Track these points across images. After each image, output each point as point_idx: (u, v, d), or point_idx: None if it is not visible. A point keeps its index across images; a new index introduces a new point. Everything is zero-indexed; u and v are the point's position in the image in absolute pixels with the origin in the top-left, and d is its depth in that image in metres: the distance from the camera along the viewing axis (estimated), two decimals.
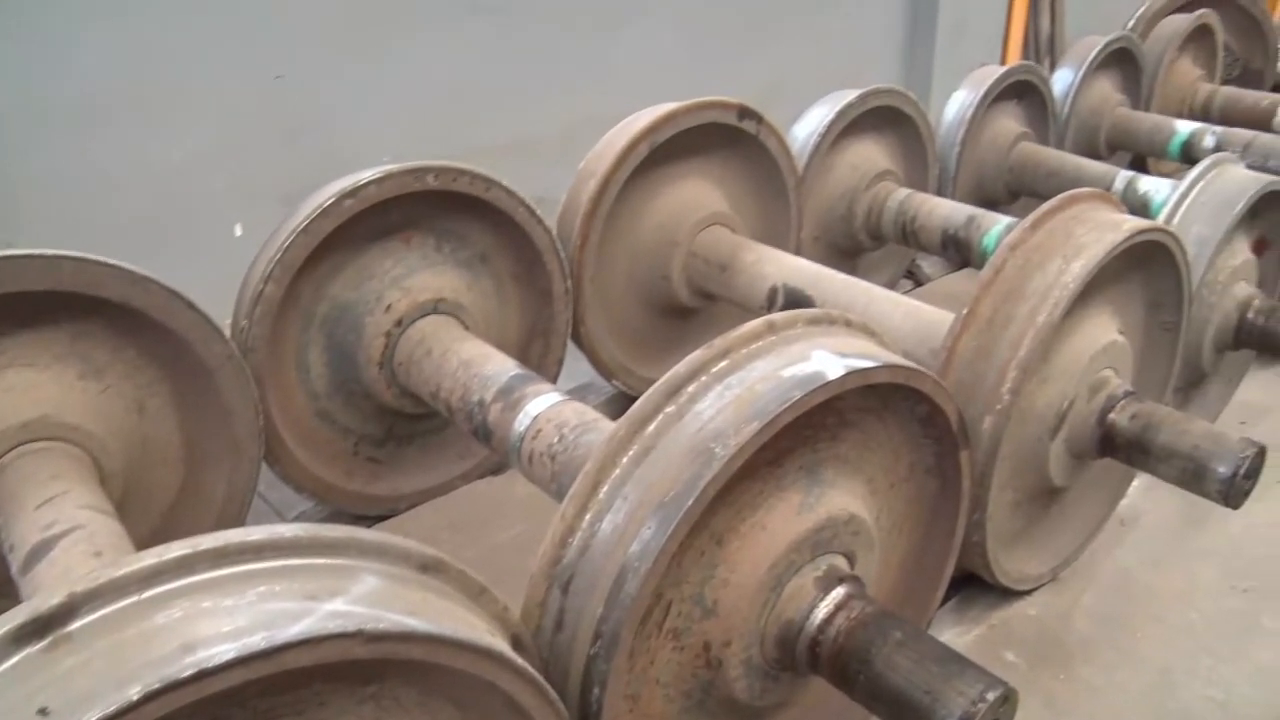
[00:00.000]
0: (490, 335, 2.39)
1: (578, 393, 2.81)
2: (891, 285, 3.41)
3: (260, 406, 2.05)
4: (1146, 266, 2.11)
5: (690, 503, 1.21)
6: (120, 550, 1.51)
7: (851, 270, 3.26)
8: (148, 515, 1.99)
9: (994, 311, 1.79)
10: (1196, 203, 2.49)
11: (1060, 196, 1.96)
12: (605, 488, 1.29)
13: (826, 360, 1.33)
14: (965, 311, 1.78)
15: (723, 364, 1.35)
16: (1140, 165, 4.72)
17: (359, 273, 2.24)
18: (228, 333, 2.00)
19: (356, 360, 2.24)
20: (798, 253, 2.84)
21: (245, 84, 3.30)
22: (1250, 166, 3.84)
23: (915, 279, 3.50)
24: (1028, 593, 2.20)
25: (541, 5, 3.98)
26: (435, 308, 2.26)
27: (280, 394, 2.21)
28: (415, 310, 2.24)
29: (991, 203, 3.59)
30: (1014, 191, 3.64)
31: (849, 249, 3.18)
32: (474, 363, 2.07)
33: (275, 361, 2.18)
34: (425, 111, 3.74)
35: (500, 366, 2.04)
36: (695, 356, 1.34)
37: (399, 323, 2.22)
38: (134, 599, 0.94)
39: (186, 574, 0.96)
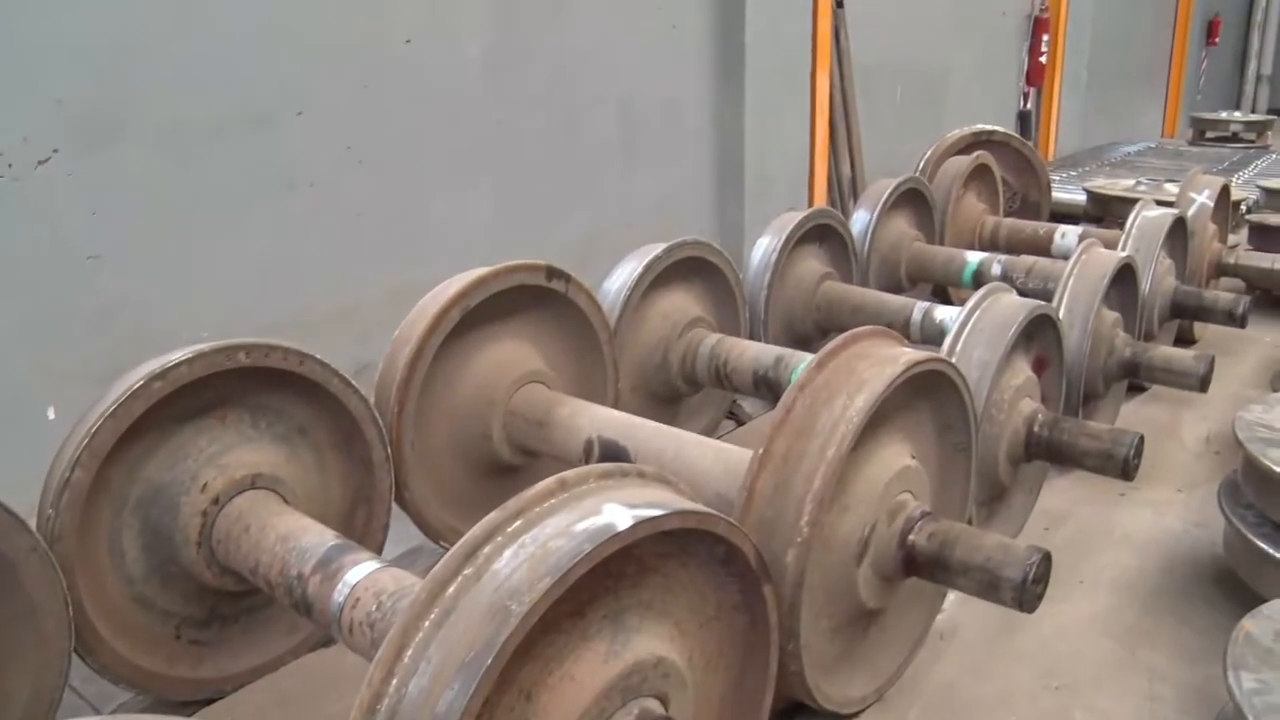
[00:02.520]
0: (312, 506, 2.40)
1: (408, 557, 2.82)
2: (714, 427, 3.54)
3: (69, 597, 1.99)
4: (932, 393, 2.27)
5: (490, 661, 1.25)
6: None
7: (673, 416, 3.39)
8: None
9: (788, 449, 1.89)
10: (975, 329, 2.70)
11: (843, 335, 2.11)
12: (409, 652, 1.32)
13: (617, 512, 1.40)
14: (761, 451, 1.88)
15: (517, 524, 1.41)
16: (943, 294, 5.05)
17: (173, 453, 2.23)
18: (34, 523, 1.96)
19: (174, 541, 2.21)
20: (616, 404, 2.94)
21: (55, 265, 3.27)
22: (1033, 289, 4.18)
23: (737, 419, 3.65)
24: (855, 715, 2.27)
25: (356, 179, 4.09)
26: (253, 483, 2.26)
27: (93, 582, 2.15)
28: (232, 487, 2.23)
29: (803, 341, 3.79)
30: (823, 329, 3.85)
31: (668, 396, 3.30)
32: (292, 536, 2.07)
33: (86, 549, 2.13)
34: (245, 285, 3.77)
35: (318, 538, 2.05)
36: (491, 518, 1.40)
37: (216, 501, 2.21)
38: None
39: None
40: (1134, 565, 3.01)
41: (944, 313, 3.61)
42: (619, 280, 3.08)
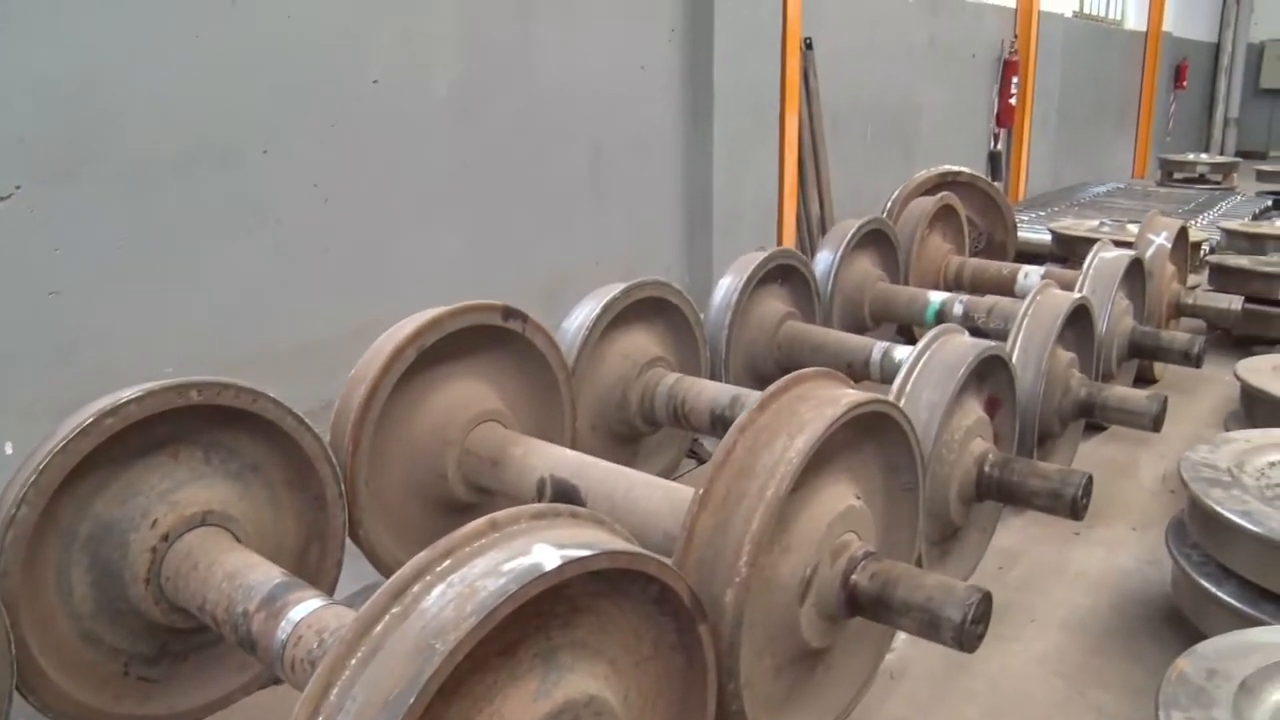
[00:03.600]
0: (265, 544, 2.40)
1: (363, 594, 2.82)
2: (674, 466, 3.56)
3: (12, 635, 1.99)
4: (877, 434, 2.30)
5: (413, 700, 1.26)
6: None
7: (633, 454, 3.41)
8: None
9: (728, 490, 1.92)
10: (925, 371, 2.74)
11: (787, 377, 2.15)
12: (335, 690, 1.34)
13: (545, 552, 1.42)
14: (701, 492, 1.91)
15: (446, 563, 1.43)
16: (908, 333, 5.11)
17: (124, 489, 2.23)
18: None
19: (123, 578, 2.21)
20: (574, 442, 2.97)
21: (16, 300, 3.28)
22: (994, 329, 4.23)
23: (698, 458, 3.67)
24: None
25: (322, 216, 4.11)
26: (204, 520, 2.26)
27: (38, 620, 2.15)
28: (182, 524, 2.23)
29: (765, 380, 3.77)
30: (785, 368, 3.88)
31: (627, 435, 3.32)
32: (239, 573, 2.08)
33: (32, 586, 2.13)
34: (209, 321, 3.77)
35: (265, 575, 2.06)
36: (420, 558, 1.42)
37: (166, 537, 2.21)
38: None
39: None
40: (1086, 604, 3.05)
41: (903, 353, 3.66)
42: (578, 320, 3.11)
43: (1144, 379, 4.93)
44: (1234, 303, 4.94)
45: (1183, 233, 5.18)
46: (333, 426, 2.58)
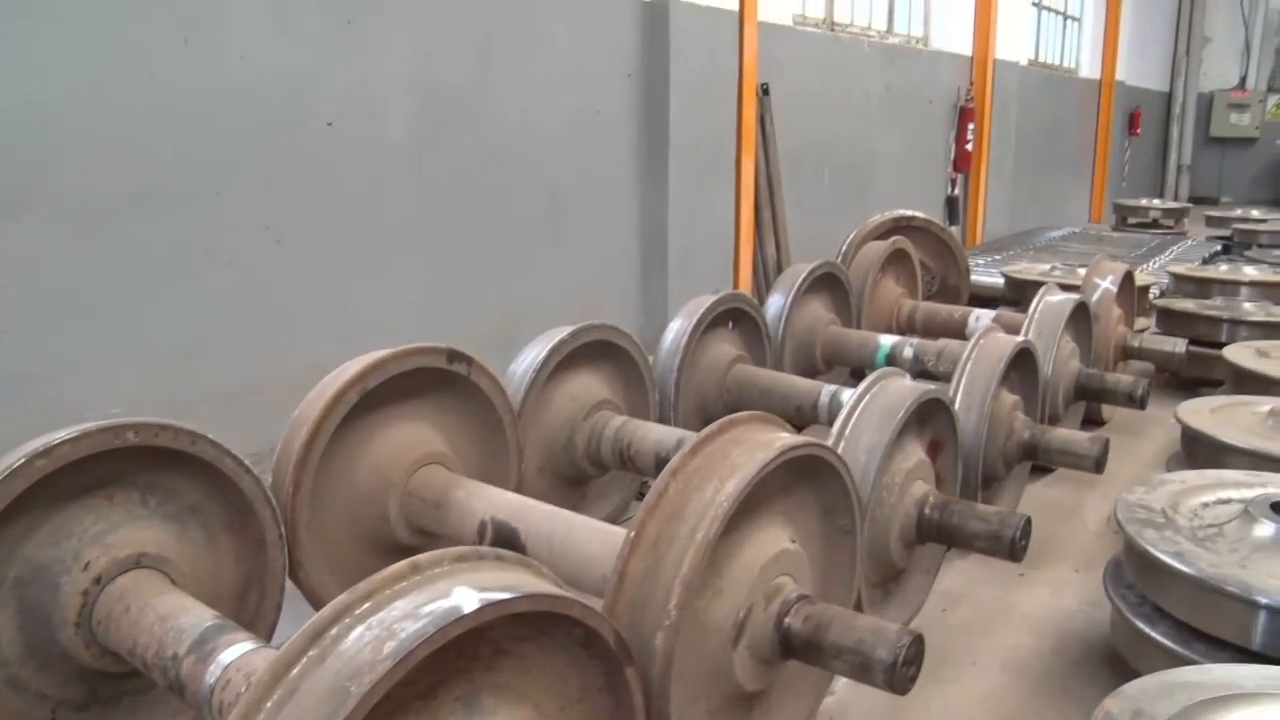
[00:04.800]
0: (203, 586, 2.39)
1: None
2: (624, 508, 3.57)
3: None
4: (813, 478, 2.32)
5: None
6: None
7: (581, 497, 3.42)
8: None
9: (659, 533, 1.93)
10: (865, 414, 2.77)
11: (722, 420, 2.17)
12: None
13: (465, 595, 1.42)
14: (632, 534, 1.92)
15: (366, 605, 1.43)
16: (860, 376, 5.14)
17: (56, 531, 2.21)
18: None
19: (52, 622, 2.18)
20: (520, 485, 2.97)
21: None
22: (944, 371, 4.28)
23: None
24: None
25: (275, 258, 4.12)
26: (138, 563, 2.24)
27: None
28: (116, 566, 2.21)
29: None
30: (734, 411, 3.86)
31: (574, 478, 3.33)
32: (171, 616, 2.07)
33: None
34: (159, 362, 3.77)
35: (197, 618, 2.04)
36: (340, 600, 1.42)
37: (98, 580, 2.19)
38: None
39: None
40: (1028, 645, 3.07)
41: (849, 395, 3.68)
42: (525, 362, 3.13)
43: (1093, 420, 5.00)
44: (1179, 345, 5.03)
45: (1129, 277, 5.28)
46: (274, 468, 2.58)
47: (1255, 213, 11.99)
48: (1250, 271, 6.82)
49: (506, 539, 2.49)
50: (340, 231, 4.42)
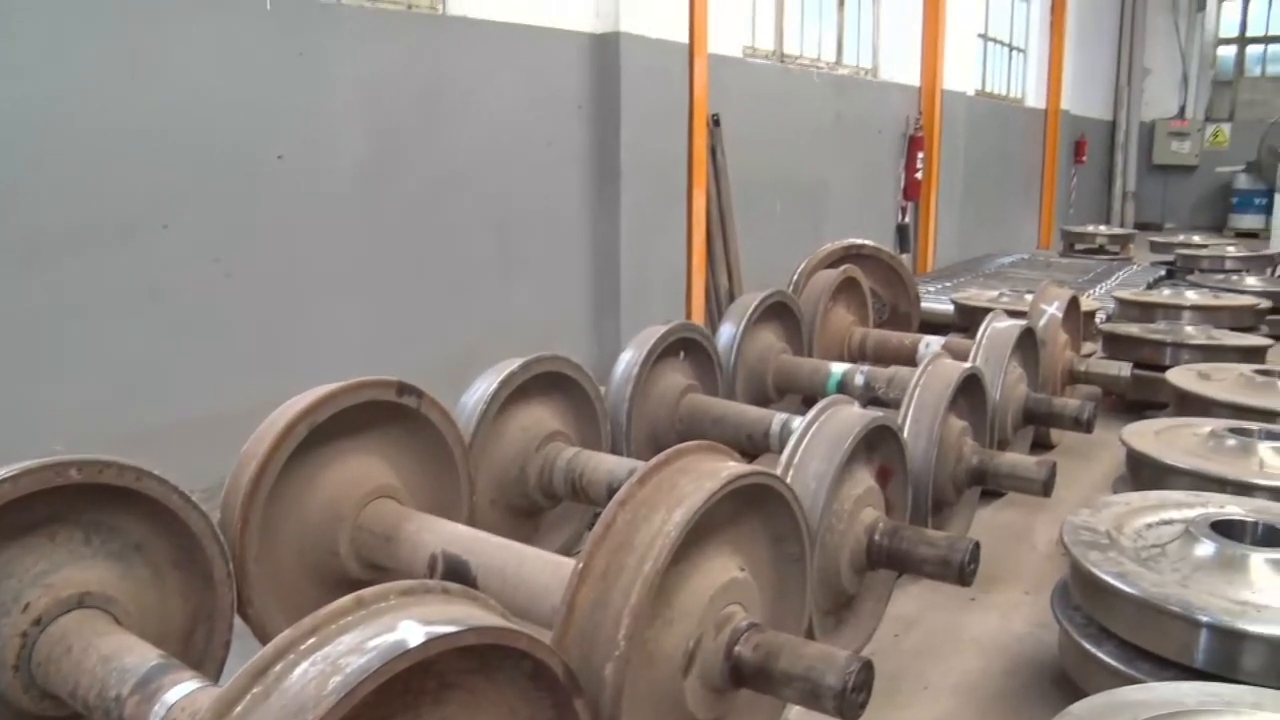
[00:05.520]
0: (148, 625, 2.35)
1: None
2: (577, 539, 3.57)
3: None
4: (761, 506, 2.34)
5: None
6: None
7: (534, 529, 3.41)
8: None
9: (607, 564, 1.94)
10: (813, 442, 2.80)
11: (669, 450, 2.19)
12: None
13: (411, 629, 1.42)
14: (580, 566, 1.93)
15: (310, 640, 1.42)
16: (812, 404, 5.17)
17: None
18: None
19: None
20: (472, 517, 2.96)
21: None
22: (894, 398, 4.33)
23: None
24: None
25: (224, 291, 4.09)
26: (80, 603, 2.21)
27: None
28: (57, 607, 2.18)
29: None
30: (686, 440, 3.90)
31: (527, 509, 3.32)
32: (115, 656, 2.04)
33: None
34: (103, 397, 3.73)
35: (141, 658, 2.02)
36: (284, 636, 1.41)
37: (38, 621, 2.15)
38: None
39: None
40: (979, 668, 3.10)
41: (799, 423, 3.71)
42: (476, 394, 3.13)
43: (1042, 444, 5.07)
44: (1123, 369, 5.12)
45: (1074, 302, 5.37)
46: (222, 503, 2.56)
47: (1197, 238, 12.27)
48: (1192, 296, 6.98)
49: (458, 572, 2.48)
50: (291, 264, 4.40)
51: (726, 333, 4.43)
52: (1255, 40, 19.35)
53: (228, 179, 4.10)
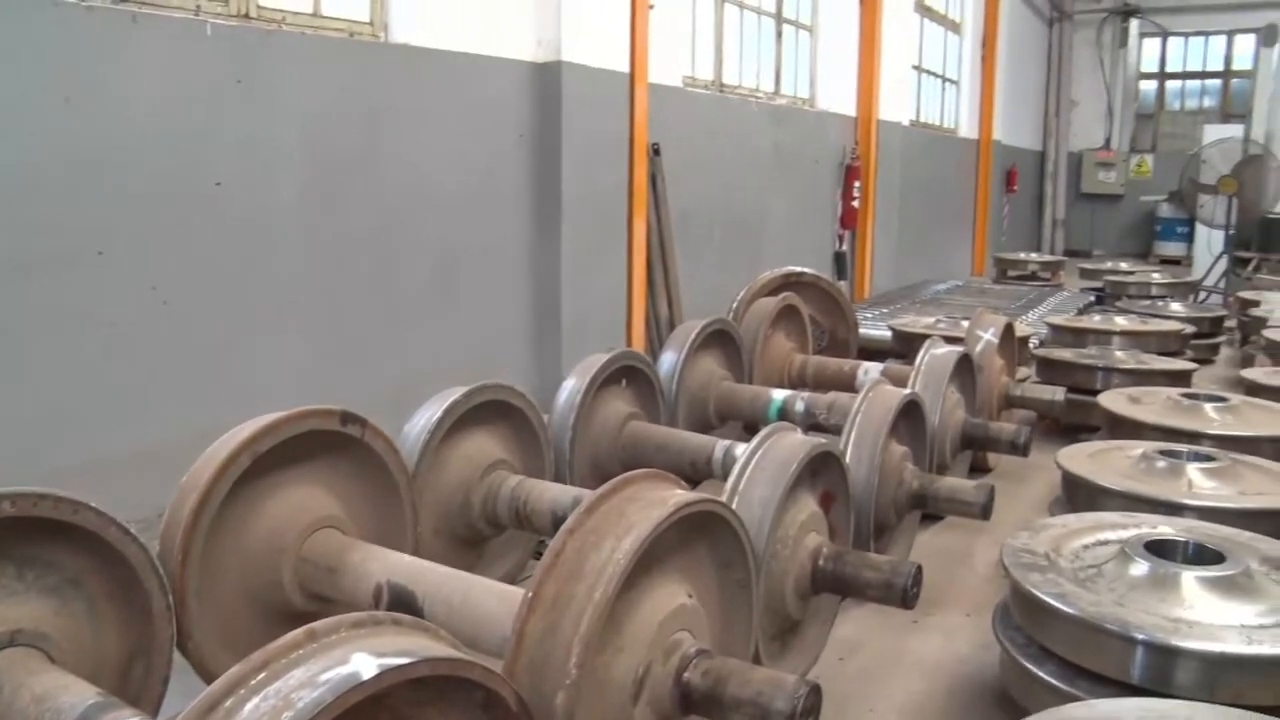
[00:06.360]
0: (84, 662, 2.30)
1: None
2: (521, 568, 3.56)
3: None
4: (708, 533, 2.36)
5: None
6: None
7: (478, 558, 3.39)
8: None
9: (557, 593, 1.94)
10: (757, 469, 2.82)
11: (616, 479, 2.19)
12: None
13: (363, 661, 1.41)
14: (530, 595, 1.92)
15: (261, 675, 1.41)
16: (754, 430, 5.21)
17: None
18: None
19: None
20: (417, 547, 2.94)
21: None
22: (834, 424, 4.37)
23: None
24: None
25: (161, 320, 4.03)
26: (12, 640, 2.16)
27: None
28: None
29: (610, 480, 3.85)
30: (629, 468, 3.85)
31: (471, 538, 3.31)
32: (49, 696, 1.99)
33: None
34: (32, 428, 3.64)
35: (78, 697, 1.97)
36: (235, 671, 1.40)
37: None
38: None
39: None
40: (923, 690, 3.14)
41: (742, 449, 3.74)
42: (419, 424, 3.11)
43: (979, 468, 5.15)
44: (1057, 394, 5.23)
45: (1009, 328, 5.47)
46: (162, 535, 2.51)
47: (1124, 265, 12.58)
48: (1121, 321, 7.15)
49: (404, 602, 2.46)
50: (230, 293, 4.34)
51: (668, 360, 4.45)
52: (1174, 75, 20.04)
53: (165, 207, 4.05)
